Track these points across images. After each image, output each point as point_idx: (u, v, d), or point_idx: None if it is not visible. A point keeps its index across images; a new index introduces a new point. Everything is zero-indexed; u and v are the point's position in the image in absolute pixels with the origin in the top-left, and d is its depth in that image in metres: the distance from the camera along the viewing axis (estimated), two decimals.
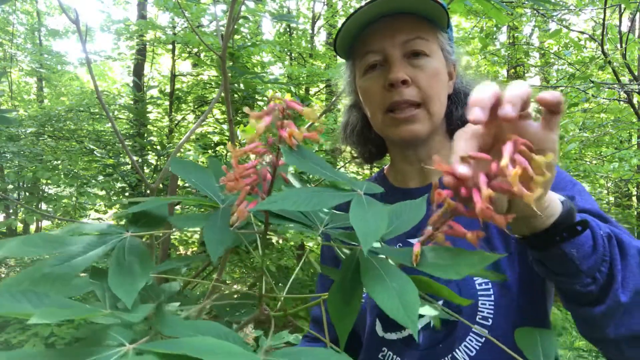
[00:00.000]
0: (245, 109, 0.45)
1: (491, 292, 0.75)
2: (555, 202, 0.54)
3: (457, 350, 0.75)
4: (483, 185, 0.41)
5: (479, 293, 0.75)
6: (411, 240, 0.83)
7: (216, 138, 4.70)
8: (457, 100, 0.89)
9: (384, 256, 0.45)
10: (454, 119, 0.88)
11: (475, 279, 0.76)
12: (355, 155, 1.03)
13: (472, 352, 0.74)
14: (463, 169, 0.42)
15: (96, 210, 5.97)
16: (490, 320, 0.74)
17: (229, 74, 2.92)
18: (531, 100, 0.46)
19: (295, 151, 0.45)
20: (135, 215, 0.53)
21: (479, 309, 0.75)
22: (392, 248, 0.48)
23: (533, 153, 0.41)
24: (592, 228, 0.57)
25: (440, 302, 0.78)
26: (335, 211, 0.56)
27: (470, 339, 0.75)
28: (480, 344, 0.74)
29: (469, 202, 0.43)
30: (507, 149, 0.41)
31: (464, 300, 0.44)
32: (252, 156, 0.47)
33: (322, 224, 0.53)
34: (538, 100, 0.46)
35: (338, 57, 0.98)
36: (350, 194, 0.43)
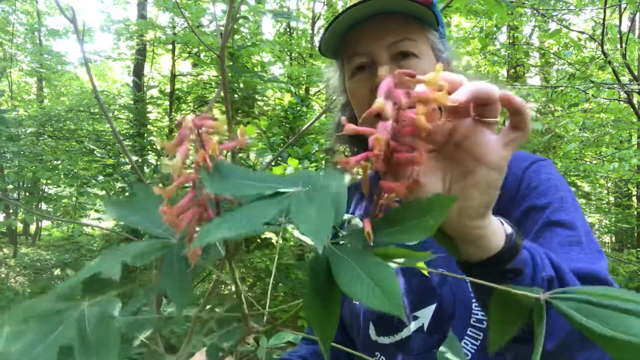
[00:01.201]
0: (155, 141, 0.42)
1: None
2: (497, 235, 0.48)
3: None
4: (382, 132, 0.39)
5: (472, 295, 0.75)
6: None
7: (216, 138, 4.68)
8: None
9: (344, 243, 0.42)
10: None
11: (469, 282, 0.76)
12: (348, 154, 1.02)
13: (467, 355, 0.73)
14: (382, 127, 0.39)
15: (96, 210, 5.97)
16: (484, 322, 0.73)
17: (229, 74, 2.91)
18: (500, 108, 0.43)
19: (214, 175, 0.41)
20: (88, 279, 0.46)
21: (473, 311, 0.74)
22: (348, 231, 0.45)
23: (416, 76, 0.39)
24: (536, 267, 0.51)
25: (434, 306, 0.77)
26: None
27: (465, 343, 0.74)
28: (475, 348, 0.73)
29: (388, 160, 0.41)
30: (382, 86, 0.39)
31: (421, 254, 0.40)
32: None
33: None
34: (500, 98, 0.42)
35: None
36: (288, 197, 0.39)
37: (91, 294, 0.45)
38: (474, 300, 0.74)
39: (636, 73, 4.22)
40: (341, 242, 0.42)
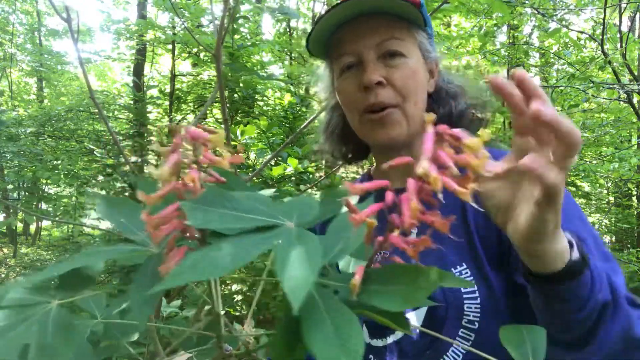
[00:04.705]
0: (153, 142, 0.40)
1: (477, 294, 0.73)
2: (558, 257, 0.51)
3: (445, 356, 0.74)
4: (412, 196, 0.36)
5: (464, 296, 0.74)
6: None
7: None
8: (439, 98, 0.88)
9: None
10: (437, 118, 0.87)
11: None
12: (337, 155, 1.01)
13: (459, 356, 0.73)
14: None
15: (96, 210, 5.96)
16: (476, 323, 0.73)
17: (229, 73, 2.91)
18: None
19: (198, 204, 0.38)
20: (63, 276, 0.43)
21: (465, 312, 0.73)
22: (334, 275, 0.42)
23: (461, 140, 0.37)
24: (593, 290, 0.54)
25: (426, 308, 0.77)
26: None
27: (457, 341, 0.74)
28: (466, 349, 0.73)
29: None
30: (425, 148, 0.36)
31: (402, 327, 0.37)
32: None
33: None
34: (493, 85, 0.41)
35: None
36: (278, 233, 0.37)
37: (65, 290, 0.42)
38: (465, 302, 0.74)
39: (636, 73, 4.22)
40: (326, 285, 0.38)
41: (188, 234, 0.41)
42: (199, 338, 0.57)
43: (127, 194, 5.11)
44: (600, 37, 3.50)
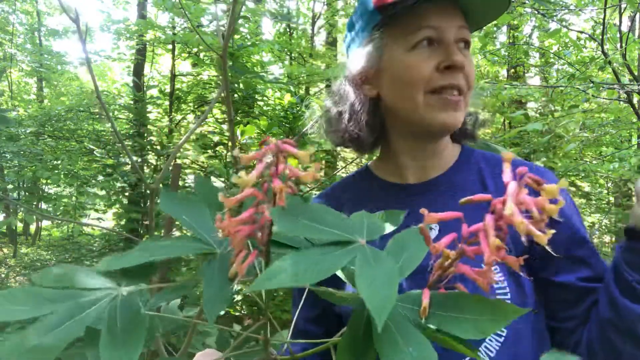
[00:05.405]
0: (235, 152, 0.43)
1: (507, 290, 0.74)
2: None
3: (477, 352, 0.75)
4: (490, 232, 0.38)
5: (497, 292, 0.75)
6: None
7: (216, 138, 4.70)
8: None
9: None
10: None
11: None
12: (359, 140, 0.89)
13: (492, 352, 0.73)
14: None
15: (96, 210, 5.97)
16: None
17: (229, 74, 2.91)
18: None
19: (285, 212, 0.40)
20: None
21: None
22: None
23: (542, 185, 0.38)
24: None
25: None
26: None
27: (490, 339, 0.74)
28: (499, 344, 0.73)
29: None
30: (510, 190, 0.38)
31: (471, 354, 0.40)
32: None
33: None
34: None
35: (338, 57, 0.93)
36: (353, 249, 0.39)
37: (129, 278, 0.45)
38: (497, 297, 0.75)
39: (636, 73, 4.22)
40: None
41: (258, 238, 0.43)
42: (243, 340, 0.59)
43: (127, 193, 5.11)
44: (600, 37, 3.49)
